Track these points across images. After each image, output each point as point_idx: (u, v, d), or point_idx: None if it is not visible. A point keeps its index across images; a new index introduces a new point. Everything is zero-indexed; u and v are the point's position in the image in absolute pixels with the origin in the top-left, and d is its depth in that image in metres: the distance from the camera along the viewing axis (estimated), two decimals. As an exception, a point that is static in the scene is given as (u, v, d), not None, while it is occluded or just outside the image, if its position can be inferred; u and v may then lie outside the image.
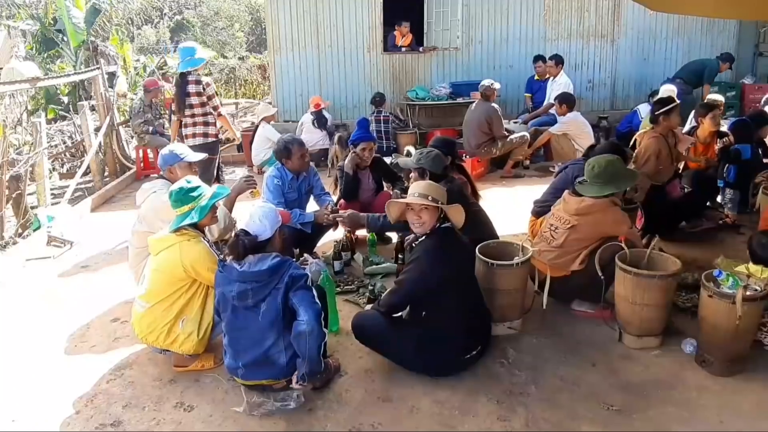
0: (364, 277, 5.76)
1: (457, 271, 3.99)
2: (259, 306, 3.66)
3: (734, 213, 6.95)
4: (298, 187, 6.02)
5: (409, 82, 12.71)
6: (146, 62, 18.31)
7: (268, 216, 3.82)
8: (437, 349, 3.96)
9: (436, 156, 5.22)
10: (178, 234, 4.11)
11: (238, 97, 20.31)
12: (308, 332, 3.52)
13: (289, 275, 3.65)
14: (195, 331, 4.15)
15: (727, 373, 3.98)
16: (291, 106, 12.51)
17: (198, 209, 4.11)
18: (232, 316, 3.76)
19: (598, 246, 4.56)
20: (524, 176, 9.96)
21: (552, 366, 4.19)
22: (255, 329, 3.69)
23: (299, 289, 3.64)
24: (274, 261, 3.68)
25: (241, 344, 3.75)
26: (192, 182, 4.21)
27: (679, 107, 6.05)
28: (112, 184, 10.08)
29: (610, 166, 4.67)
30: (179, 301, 4.13)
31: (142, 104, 10.91)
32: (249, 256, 3.72)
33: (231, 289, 3.68)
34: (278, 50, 12.32)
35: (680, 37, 13.45)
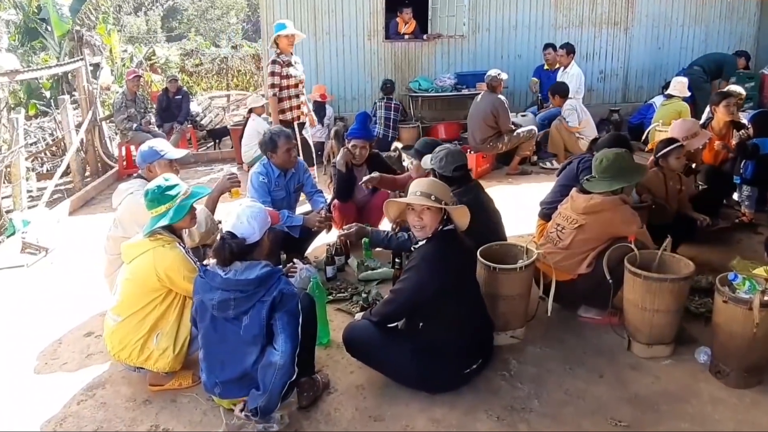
0: (358, 283, 5.67)
1: (457, 280, 3.88)
2: (240, 319, 3.53)
3: (751, 211, 6.87)
4: (286, 184, 5.90)
5: (412, 71, 12.62)
6: (134, 52, 18.27)
7: (257, 217, 3.67)
8: (434, 363, 3.87)
9: (445, 155, 5.07)
10: (152, 239, 3.98)
11: (230, 88, 20.22)
12: (279, 366, 3.42)
13: (279, 291, 3.51)
14: (170, 346, 4.04)
15: (743, 385, 3.91)
16: (285, 98, 12.35)
17: (175, 209, 3.99)
18: (210, 327, 3.64)
19: (606, 248, 4.50)
20: (531, 173, 9.91)
21: (556, 378, 4.13)
22: (235, 343, 3.57)
23: (289, 314, 3.50)
24: (264, 271, 3.54)
25: (219, 359, 3.64)
26: (170, 180, 4.09)
27: (682, 148, 5.86)
28: (92, 184, 10.01)
29: (618, 159, 4.63)
30: (153, 314, 4.01)
31: (125, 98, 10.88)
32: (236, 263, 3.58)
33: (212, 297, 3.55)
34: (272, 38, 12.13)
35: (697, 24, 13.37)
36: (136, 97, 11.19)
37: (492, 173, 10.02)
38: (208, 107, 15.35)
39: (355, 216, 6.39)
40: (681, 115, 9.03)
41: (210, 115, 14.96)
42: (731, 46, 13.36)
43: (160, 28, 29.08)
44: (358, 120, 6.48)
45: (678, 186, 5.88)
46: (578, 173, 5.57)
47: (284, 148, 5.72)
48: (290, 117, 8.07)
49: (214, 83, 20.71)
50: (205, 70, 20.90)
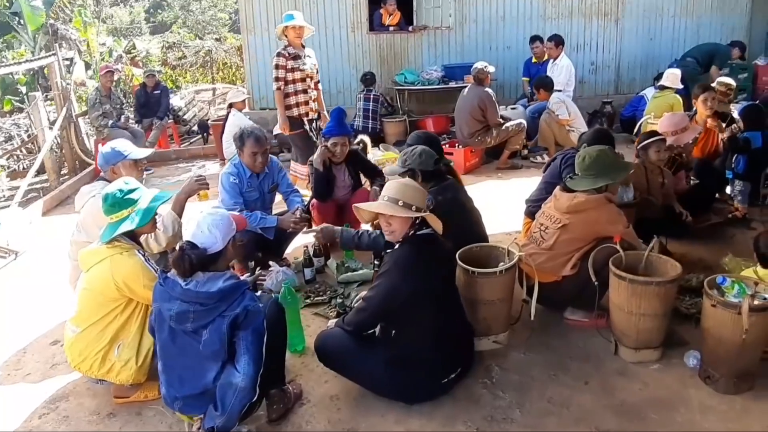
0: (338, 285, 5.56)
1: (433, 285, 3.74)
2: (200, 333, 3.38)
3: (744, 206, 6.78)
4: (259, 185, 5.76)
5: (398, 64, 12.48)
6: (112, 46, 18.08)
7: (218, 225, 3.49)
8: (410, 373, 3.75)
9: (422, 152, 4.91)
10: (110, 246, 3.85)
11: (215, 81, 20.06)
12: (240, 388, 3.30)
13: (244, 307, 3.36)
14: (133, 358, 3.92)
15: (734, 391, 3.82)
16: (267, 92, 12.15)
17: (142, 213, 3.87)
18: (168, 339, 3.48)
19: (591, 248, 4.40)
20: (522, 167, 9.78)
21: (540, 385, 4.03)
22: (195, 358, 3.42)
23: (252, 333, 3.36)
24: (227, 284, 3.38)
25: (177, 374, 3.49)
26: (130, 183, 3.98)
27: (665, 141, 5.79)
28: (67, 183, 9.84)
29: (601, 156, 4.53)
30: (113, 324, 3.89)
31: (98, 94, 10.75)
32: (198, 273, 3.42)
33: (170, 307, 3.40)
34: (252, 30, 12.08)
35: (689, 15, 13.24)
36: (110, 93, 11.04)
37: (481, 168, 9.92)
38: (191, 101, 15.20)
39: (335, 215, 6.26)
40: (673, 108, 8.92)
41: (194, 110, 14.82)
42: (723, 37, 13.25)
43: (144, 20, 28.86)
44: (334, 117, 6.32)
45: (660, 179, 5.80)
46: (561, 171, 5.47)
47: (250, 150, 5.54)
48: (297, 113, 7.89)
49: (199, 77, 20.53)
50: (189, 64, 20.71)
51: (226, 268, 3.58)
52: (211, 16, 28.61)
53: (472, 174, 9.43)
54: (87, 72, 15.02)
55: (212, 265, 3.49)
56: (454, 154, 9.33)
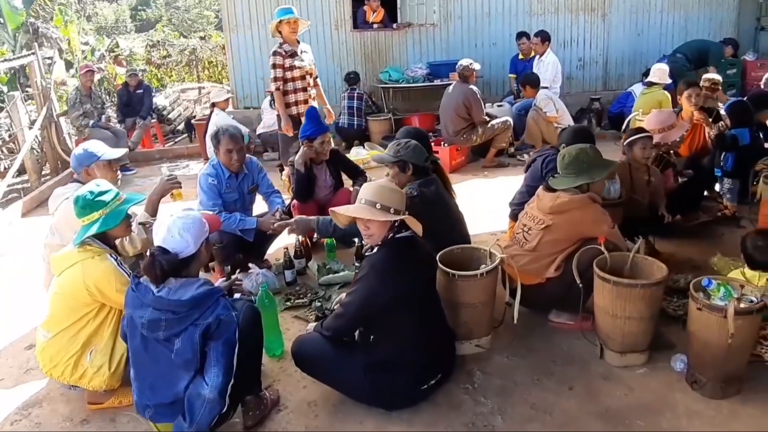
0: (319, 287, 5.46)
1: (412, 289, 3.64)
2: (172, 341, 3.28)
3: (734, 204, 6.74)
4: (239, 186, 5.66)
5: (383, 62, 12.44)
6: (95, 45, 17.93)
7: (189, 228, 3.38)
8: (388, 379, 3.66)
9: (416, 146, 4.84)
10: (81, 250, 3.76)
11: (201, 80, 19.94)
12: (208, 400, 3.21)
13: (216, 316, 3.26)
14: (105, 364, 3.83)
15: (721, 395, 3.73)
16: (251, 91, 12.20)
17: (110, 214, 3.79)
18: (140, 346, 3.39)
19: (575, 249, 4.31)
20: (508, 166, 9.75)
21: (523, 390, 3.94)
22: (167, 367, 3.33)
23: (225, 344, 3.27)
24: (200, 291, 3.28)
25: (149, 382, 3.40)
26: (101, 185, 3.88)
27: (650, 138, 5.70)
28: (48, 184, 9.72)
29: (581, 154, 4.44)
30: (86, 330, 3.81)
31: (78, 94, 10.65)
32: (170, 279, 3.32)
33: (142, 314, 3.29)
34: (235, 28, 11.99)
35: (676, 10, 13.28)
36: (91, 93, 10.95)
37: (467, 166, 9.90)
38: (176, 101, 15.09)
39: (317, 215, 6.12)
40: (661, 104, 8.88)
41: (178, 109, 14.73)
42: (711, 32, 13.32)
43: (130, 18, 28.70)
44: (309, 117, 6.20)
45: (646, 177, 5.72)
46: (543, 173, 5.38)
47: (224, 148, 5.45)
48: (295, 112, 7.73)
49: (185, 75, 20.39)
50: (174, 62, 20.57)
51: (207, 270, 3.47)
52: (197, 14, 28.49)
53: (458, 172, 9.39)
54: (69, 71, 14.90)
55: (185, 270, 3.40)
56: (439, 152, 9.28)
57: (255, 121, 11.20)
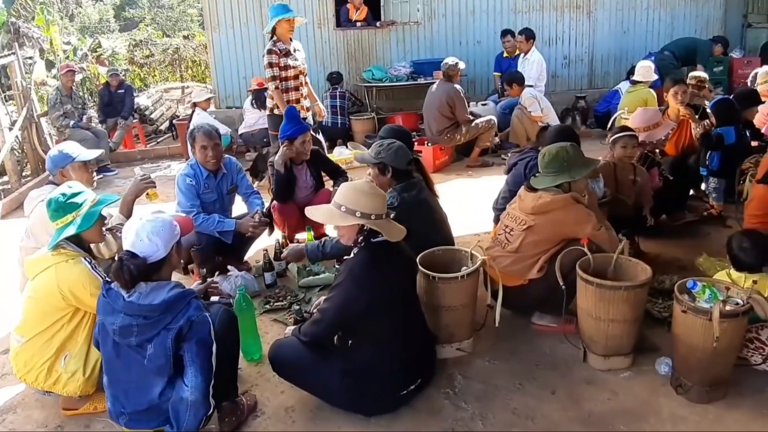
0: (299, 290, 5.38)
1: (391, 293, 3.57)
2: (144, 347, 3.22)
3: (720, 203, 6.70)
4: (217, 186, 5.57)
5: (366, 60, 12.33)
6: (77, 44, 17.77)
7: (158, 232, 3.31)
8: (367, 384, 3.59)
9: (398, 149, 4.74)
10: (55, 253, 3.68)
11: (184, 79, 19.80)
12: (191, 402, 3.15)
13: (187, 318, 3.20)
14: (80, 369, 3.76)
15: (706, 400, 3.68)
16: (233, 90, 12.08)
17: (83, 217, 3.70)
18: (113, 353, 3.32)
19: (559, 250, 4.26)
20: (493, 165, 9.68)
21: (505, 395, 3.87)
22: (140, 373, 3.27)
23: (199, 344, 3.20)
24: (171, 294, 3.22)
25: (122, 388, 3.34)
26: (74, 187, 3.81)
27: (634, 137, 5.63)
28: (28, 185, 9.56)
29: (561, 153, 4.37)
30: (60, 334, 3.72)
31: (59, 94, 10.55)
32: (140, 284, 3.26)
33: (114, 321, 3.23)
34: (216, 27, 11.84)
35: (662, 7, 13.27)
36: (72, 93, 10.85)
37: (451, 166, 9.87)
38: (158, 100, 14.97)
39: (298, 217, 6.05)
40: (647, 103, 8.82)
41: (161, 108, 14.61)
42: (698, 29, 13.32)
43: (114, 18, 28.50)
44: (289, 116, 6.08)
45: (631, 177, 5.66)
46: (526, 177, 5.26)
47: (199, 145, 5.37)
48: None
49: (168, 75, 20.23)
50: (157, 62, 20.41)
51: (186, 272, 3.39)
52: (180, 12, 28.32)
53: (441, 172, 9.35)
54: (51, 71, 14.77)
55: (156, 274, 3.34)
56: (423, 151, 9.20)
57: (237, 120, 11.10)
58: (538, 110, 9.45)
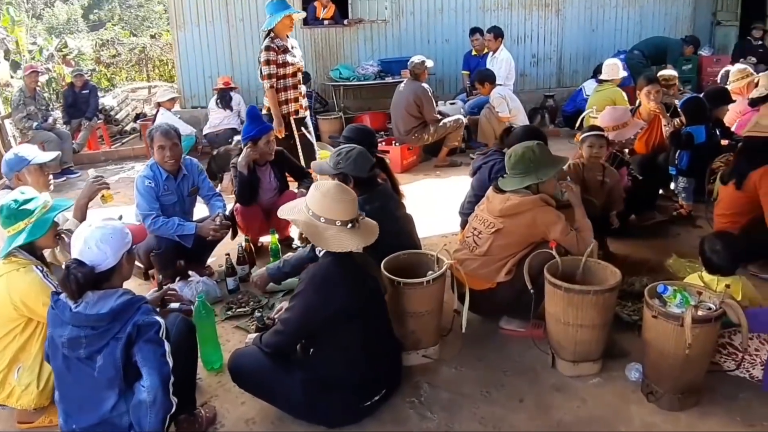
0: (263, 295, 5.21)
1: (354, 301, 3.44)
2: (94, 359, 3.05)
3: (689, 203, 6.65)
4: (177, 187, 5.41)
5: (334, 59, 12.21)
6: (43, 45, 17.49)
7: (107, 239, 3.15)
8: (330, 395, 3.47)
9: (358, 156, 4.49)
10: (6, 262, 3.55)
11: (151, 79, 19.55)
12: (149, 403, 2.98)
13: (134, 324, 3.03)
14: (34, 381, 3.62)
15: (678, 407, 3.59)
16: (198, 90, 11.90)
17: (34, 224, 3.58)
18: (63, 367, 3.15)
19: (528, 253, 4.16)
20: (461, 165, 9.57)
21: (471, 404, 3.76)
22: (91, 387, 3.09)
23: (147, 343, 3.04)
24: (119, 302, 3.06)
25: (74, 403, 3.17)
26: (26, 193, 3.68)
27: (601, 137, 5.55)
28: (-11, 188, 9.32)
29: (527, 153, 4.25)
30: (12, 346, 3.59)
31: (22, 95, 10.34)
32: (88, 293, 3.10)
33: (62, 333, 3.07)
34: (182, 26, 11.64)
35: (632, 5, 13.29)
36: (35, 94, 10.62)
37: (419, 166, 9.77)
38: (124, 100, 14.75)
39: (262, 220, 5.94)
40: (615, 102, 8.78)
41: (127, 109, 14.39)
42: (667, 27, 13.35)
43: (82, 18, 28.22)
44: (251, 116, 5.93)
45: (600, 177, 5.57)
46: (491, 181, 5.11)
47: (156, 144, 5.24)
48: (285, 111, 7.36)
49: (135, 74, 19.98)
50: (124, 61, 20.16)
51: (147, 278, 3.24)
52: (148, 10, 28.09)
53: (409, 172, 9.26)
54: (17, 72, 14.50)
55: (106, 284, 3.17)
56: (390, 151, 9.13)
57: (203, 120, 10.93)
58: (506, 110, 9.37)
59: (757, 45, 12.79)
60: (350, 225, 3.46)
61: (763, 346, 3.65)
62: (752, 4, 14.24)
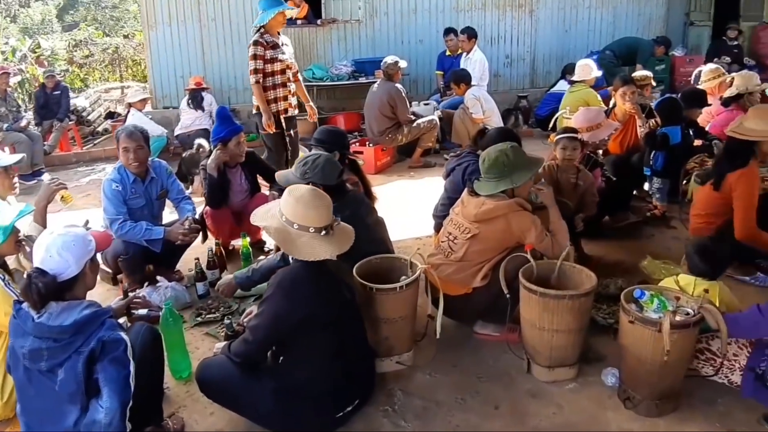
0: (233, 300, 5.05)
1: (323, 309, 3.32)
2: (55, 372, 2.92)
3: (663, 204, 6.63)
4: (145, 191, 5.28)
5: (307, 59, 12.01)
6: (16, 45, 17.21)
7: (70, 247, 3.03)
8: (301, 406, 3.35)
9: (325, 164, 4.33)
10: None
11: (124, 79, 19.33)
12: (105, 425, 2.84)
13: (98, 339, 2.90)
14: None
15: (656, 414, 3.52)
16: (170, 90, 11.73)
17: None
18: (25, 379, 3.02)
19: (503, 257, 4.07)
20: (435, 165, 9.46)
21: (446, 411, 3.67)
22: (52, 401, 2.96)
23: (112, 363, 2.90)
24: (83, 314, 2.93)
25: (36, 416, 3.05)
26: None
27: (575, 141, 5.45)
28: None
29: (501, 157, 4.15)
30: None
31: (-7, 97, 10.11)
32: (51, 303, 2.97)
33: (23, 344, 2.94)
34: (153, 25, 11.47)
35: (605, 6, 13.27)
36: (6, 95, 10.40)
37: (393, 166, 9.65)
38: (96, 101, 14.52)
39: (232, 223, 5.81)
40: (588, 103, 8.73)
41: (99, 109, 14.16)
42: (640, 28, 13.35)
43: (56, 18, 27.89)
44: (221, 116, 5.79)
45: (573, 179, 5.51)
46: (464, 183, 5.01)
47: (121, 146, 5.12)
48: (275, 109, 7.19)
49: (109, 75, 19.74)
50: (97, 62, 19.91)
51: (115, 283, 3.11)
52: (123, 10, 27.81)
53: (383, 173, 9.17)
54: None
55: (69, 293, 3.04)
56: (364, 152, 9.05)
57: (174, 121, 10.76)
58: (479, 112, 9.27)
59: (732, 45, 12.85)
60: (324, 232, 3.35)
61: (741, 351, 3.58)
62: (725, 5, 14.27)
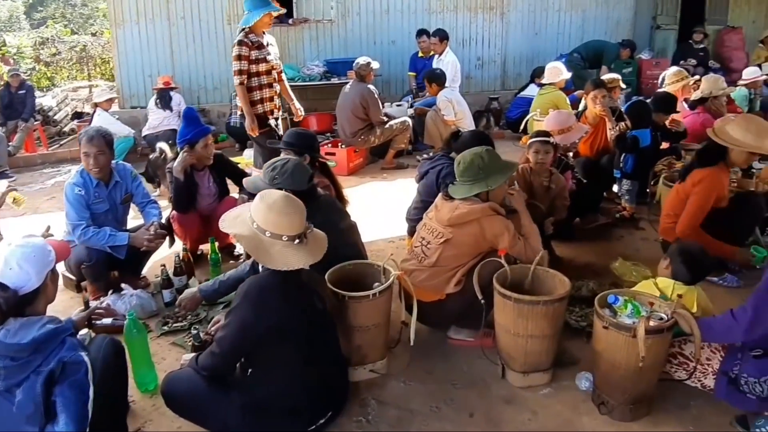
0: (202, 308, 4.85)
1: (295, 318, 3.23)
2: (13, 392, 2.77)
3: (632, 205, 6.67)
4: (109, 195, 5.11)
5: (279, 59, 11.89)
6: (-19, 44, 17.02)
7: (30, 258, 2.91)
8: (270, 421, 3.25)
9: (294, 169, 4.17)
10: None
11: (93, 78, 19.07)
12: None
13: (59, 360, 2.76)
14: None
15: (630, 418, 3.49)
16: (138, 89, 11.57)
17: None
18: None
19: (477, 263, 4.01)
20: (408, 167, 9.42)
21: (421, 420, 3.60)
22: (10, 423, 2.81)
23: (71, 387, 2.76)
24: (42, 332, 2.78)
25: None
26: None
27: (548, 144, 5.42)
28: None
29: (475, 160, 4.08)
30: None
31: (-42, 97, 9.92)
32: (10, 319, 2.84)
33: None
34: (121, 23, 11.30)
35: (574, 9, 13.38)
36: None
37: (366, 168, 9.58)
38: (63, 100, 14.31)
39: (200, 227, 5.69)
40: (558, 105, 8.74)
41: (66, 109, 13.95)
42: (609, 31, 13.49)
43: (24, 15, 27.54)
44: (187, 117, 5.67)
45: (546, 183, 5.48)
46: (439, 188, 4.95)
47: (82, 150, 4.93)
48: (262, 110, 7.08)
49: (76, 73, 19.46)
50: (65, 60, 19.63)
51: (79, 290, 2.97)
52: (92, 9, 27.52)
53: (356, 175, 9.11)
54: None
55: (29, 308, 2.92)
56: (336, 154, 8.99)
57: (142, 121, 10.60)
58: (451, 114, 9.21)
59: (698, 48, 13.05)
60: (297, 240, 3.23)
61: (714, 355, 3.54)
62: (691, 9, 14.43)
